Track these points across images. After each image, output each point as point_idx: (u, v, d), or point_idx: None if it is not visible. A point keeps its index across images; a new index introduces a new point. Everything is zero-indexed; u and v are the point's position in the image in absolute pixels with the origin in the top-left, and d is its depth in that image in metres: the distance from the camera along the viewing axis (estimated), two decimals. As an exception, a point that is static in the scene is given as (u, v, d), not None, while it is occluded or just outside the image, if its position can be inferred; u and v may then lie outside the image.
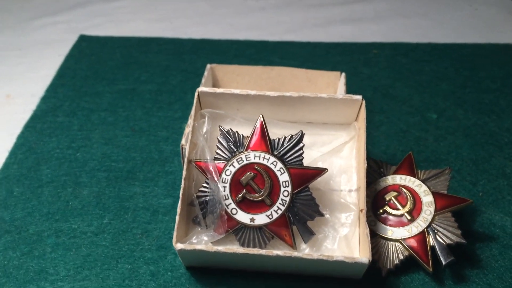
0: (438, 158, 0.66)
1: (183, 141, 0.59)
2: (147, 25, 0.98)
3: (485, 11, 1.02)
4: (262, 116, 0.52)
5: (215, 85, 0.74)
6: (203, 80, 0.69)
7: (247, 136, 0.53)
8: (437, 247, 0.50)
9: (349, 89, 0.77)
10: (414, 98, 0.77)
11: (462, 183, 0.62)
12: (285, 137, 0.52)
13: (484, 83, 0.80)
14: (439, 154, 0.67)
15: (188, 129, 0.59)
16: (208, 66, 0.72)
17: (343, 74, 0.70)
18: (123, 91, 0.77)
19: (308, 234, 0.51)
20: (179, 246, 0.48)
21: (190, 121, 0.58)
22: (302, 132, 0.52)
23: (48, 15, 1.00)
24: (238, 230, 0.51)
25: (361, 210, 0.50)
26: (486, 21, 0.99)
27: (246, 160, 0.51)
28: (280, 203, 0.50)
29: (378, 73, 0.83)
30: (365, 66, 0.85)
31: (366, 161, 0.52)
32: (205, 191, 0.52)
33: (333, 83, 0.72)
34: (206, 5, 1.05)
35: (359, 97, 0.56)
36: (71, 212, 0.58)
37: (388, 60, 0.86)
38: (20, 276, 0.52)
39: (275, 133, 0.55)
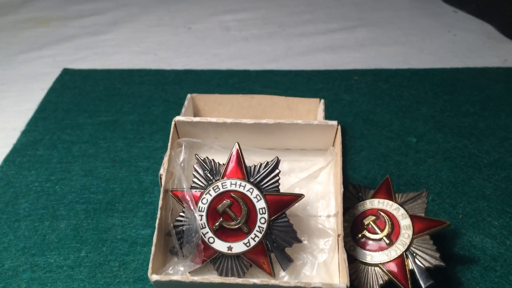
0: (418, 181, 0.66)
1: (161, 171, 0.58)
2: (132, 57, 0.99)
3: (464, 37, 1.04)
4: (238, 143, 0.53)
5: (196, 114, 0.74)
6: (183, 110, 0.69)
7: (223, 164, 0.53)
8: (416, 270, 0.50)
9: (330, 115, 0.78)
10: (394, 123, 0.78)
11: (442, 205, 0.62)
12: (260, 164, 0.52)
13: (463, 106, 0.81)
14: (419, 177, 0.67)
15: (166, 159, 0.59)
16: (189, 96, 0.72)
17: (322, 100, 0.71)
18: (104, 123, 0.77)
19: (286, 261, 0.51)
20: (154, 277, 0.47)
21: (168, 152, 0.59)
22: (277, 159, 0.52)
23: (34, 49, 1.01)
24: (216, 259, 0.51)
25: (338, 235, 0.50)
26: (465, 46, 1.01)
27: (223, 188, 0.51)
28: (257, 230, 0.50)
29: (358, 99, 0.84)
30: (346, 93, 0.86)
31: (342, 186, 0.52)
32: (182, 221, 0.52)
33: (313, 110, 0.73)
34: (191, 37, 1.07)
35: (335, 122, 0.56)
36: (48, 246, 0.57)
37: (368, 86, 0.87)
38: (-6, 313, 0.51)
39: (253, 160, 0.55)
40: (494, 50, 0.98)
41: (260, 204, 0.50)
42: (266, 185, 0.51)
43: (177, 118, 0.57)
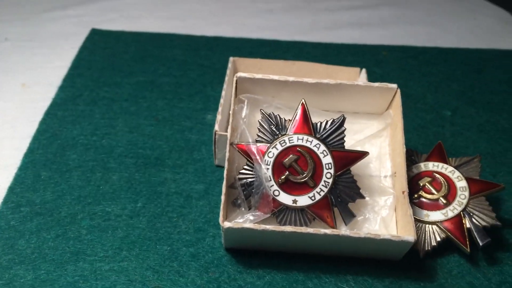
0: (458, 151, 0.68)
1: (216, 127, 0.59)
2: (159, 22, 0.98)
3: (484, 20, 1.07)
4: (304, 100, 0.53)
5: (236, 78, 0.75)
6: (227, 72, 0.70)
7: (289, 120, 0.53)
8: (473, 229, 0.52)
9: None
10: (427, 97, 0.79)
11: (483, 174, 0.64)
12: (327, 121, 0.53)
13: (491, 85, 0.83)
14: (458, 148, 0.69)
15: (219, 117, 0.60)
16: (231, 58, 0.73)
17: (364, 69, 0.72)
18: (142, 83, 0.77)
19: (349, 216, 0.52)
20: (226, 224, 0.48)
21: (220, 108, 0.59)
22: (343, 116, 0.53)
23: (58, 8, 0.98)
24: (279, 212, 0.52)
25: (403, 192, 0.52)
26: (485, 29, 1.03)
27: (289, 143, 0.52)
28: (323, 185, 0.51)
29: (390, 73, 0.85)
30: (376, 66, 0.87)
31: (404, 146, 0.53)
32: (247, 173, 0.52)
33: (353, 79, 0.74)
34: (217, 6, 1.06)
35: (394, 85, 0.57)
36: (103, 196, 0.57)
37: (398, 61, 0.89)
38: (57, 257, 0.51)
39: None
40: (512, 35, 1.01)
41: (327, 160, 0.51)
42: (332, 141, 0.52)
43: (239, 74, 0.57)
